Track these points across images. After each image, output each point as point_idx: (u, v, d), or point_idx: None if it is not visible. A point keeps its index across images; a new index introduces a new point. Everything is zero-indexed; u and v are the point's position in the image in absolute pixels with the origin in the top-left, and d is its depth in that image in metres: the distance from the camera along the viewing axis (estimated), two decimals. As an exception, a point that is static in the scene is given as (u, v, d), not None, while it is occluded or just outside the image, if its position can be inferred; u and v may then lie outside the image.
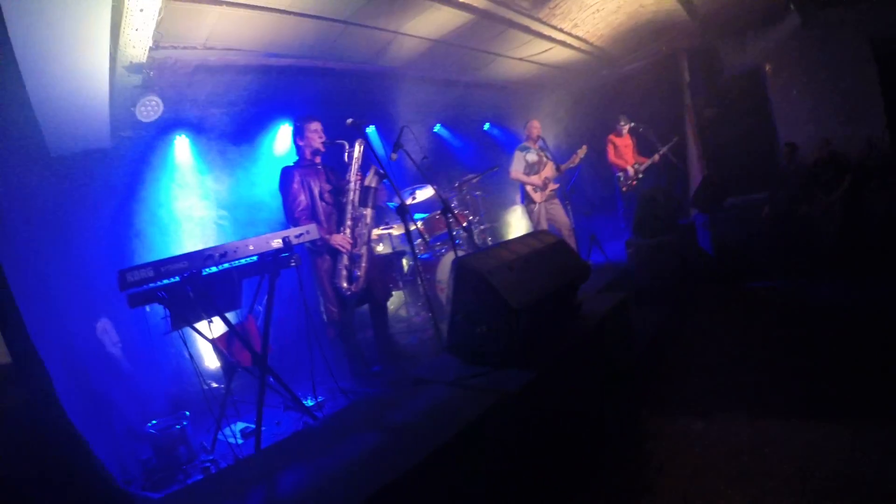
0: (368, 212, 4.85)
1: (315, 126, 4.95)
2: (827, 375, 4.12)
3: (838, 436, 3.24)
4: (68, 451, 2.62)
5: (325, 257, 4.82)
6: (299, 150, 5.01)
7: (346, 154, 4.84)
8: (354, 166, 4.84)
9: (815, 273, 7.19)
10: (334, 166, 5.08)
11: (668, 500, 2.94)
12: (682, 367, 4.86)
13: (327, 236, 4.70)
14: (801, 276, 7.15)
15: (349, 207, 4.81)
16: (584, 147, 7.79)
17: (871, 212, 7.84)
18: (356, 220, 4.83)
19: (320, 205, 4.83)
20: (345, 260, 4.76)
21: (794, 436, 3.32)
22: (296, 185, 4.78)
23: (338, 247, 4.71)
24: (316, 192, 4.83)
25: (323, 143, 4.94)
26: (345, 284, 4.75)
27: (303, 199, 4.77)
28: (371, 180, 4.79)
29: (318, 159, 5.00)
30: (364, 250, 4.85)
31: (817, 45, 9.13)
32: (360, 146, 4.85)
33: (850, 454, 3.03)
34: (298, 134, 4.98)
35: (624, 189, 9.32)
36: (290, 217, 4.77)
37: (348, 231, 4.78)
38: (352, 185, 4.82)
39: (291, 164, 4.98)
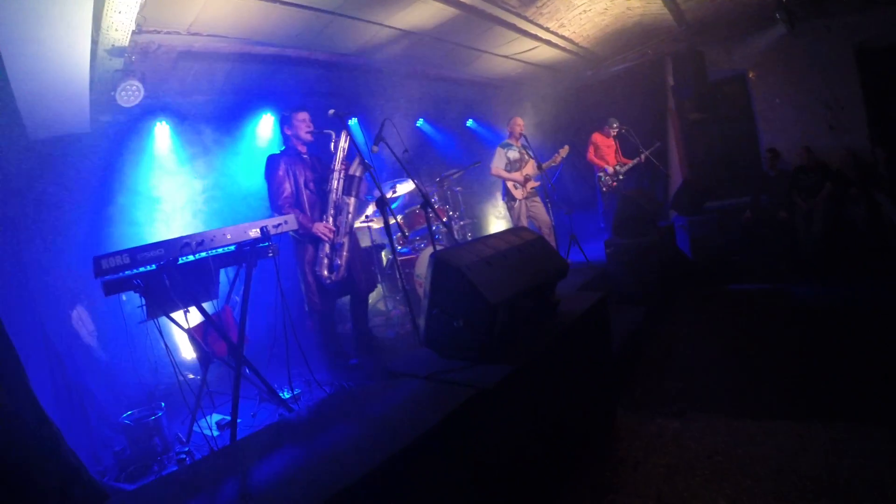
0: (352, 201, 4.87)
1: (303, 116, 4.97)
2: (804, 377, 4.19)
3: (814, 436, 3.29)
4: (41, 441, 2.59)
5: (308, 246, 4.82)
6: (286, 139, 5.01)
7: (333, 144, 4.86)
8: (340, 155, 4.86)
9: (793, 277, 7.30)
10: (320, 156, 5.08)
11: (643, 499, 2.97)
12: (658, 367, 4.91)
13: (310, 224, 4.69)
14: (780, 280, 7.25)
15: (332, 196, 4.81)
16: (566, 147, 7.81)
17: (850, 219, 7.97)
18: (339, 208, 4.83)
19: (304, 193, 4.83)
20: (326, 248, 4.76)
21: (770, 436, 3.36)
22: (281, 173, 4.78)
23: (320, 235, 4.70)
24: (301, 180, 4.83)
25: (310, 132, 4.93)
26: (325, 273, 4.75)
27: (287, 187, 4.77)
28: (356, 169, 4.82)
29: (304, 149, 5.01)
30: (346, 239, 4.85)
31: (802, 53, 9.25)
32: (345, 136, 4.86)
33: (825, 454, 3.08)
34: (286, 123, 5.00)
35: (605, 189, 9.35)
36: (274, 205, 4.76)
37: (331, 219, 4.78)
38: (336, 174, 4.83)
39: (278, 152, 4.96)
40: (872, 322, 5.18)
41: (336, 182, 4.84)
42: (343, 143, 4.87)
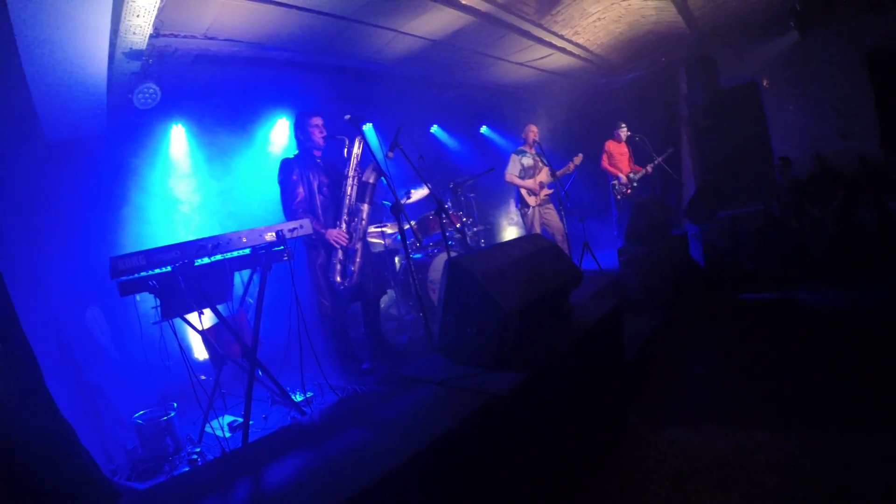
0: (365, 207, 4.87)
1: (316, 121, 4.97)
2: (814, 384, 4.16)
3: (824, 445, 3.26)
4: (56, 439, 2.61)
5: (321, 251, 4.82)
6: (300, 143, 5.03)
7: (346, 149, 4.87)
8: (353, 162, 4.86)
9: (804, 284, 7.25)
10: (333, 161, 5.09)
11: (654, 508, 2.96)
12: (670, 375, 4.89)
13: (323, 230, 4.70)
14: (791, 288, 7.20)
15: (346, 202, 4.82)
16: (580, 155, 7.81)
17: (862, 226, 7.91)
18: (352, 214, 4.84)
19: (318, 198, 4.83)
20: (339, 254, 4.77)
21: (779, 445, 3.34)
22: (295, 178, 4.79)
23: (333, 241, 4.71)
24: (314, 185, 4.84)
25: (323, 137, 4.95)
26: (339, 279, 4.76)
27: (301, 191, 4.78)
28: (369, 176, 4.81)
29: (317, 153, 5.01)
30: (359, 245, 4.86)
31: (814, 59, 9.20)
32: (359, 142, 4.87)
33: (835, 463, 3.05)
34: (299, 127, 5.00)
35: (619, 197, 9.34)
36: (288, 209, 4.77)
37: (344, 226, 4.79)
38: (350, 181, 4.84)
39: (291, 156, 4.98)
40: (883, 329, 5.13)
41: (350, 188, 4.84)
42: (357, 150, 4.87)
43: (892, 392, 3.81)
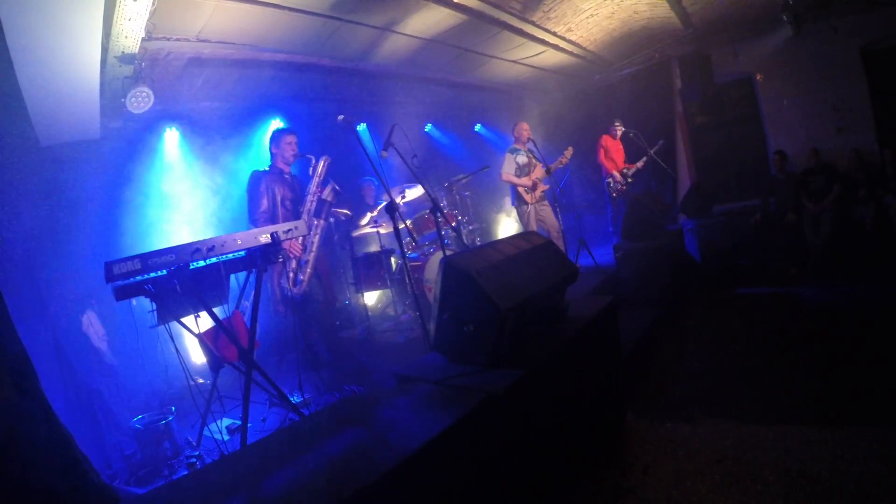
0: (321, 223, 5.09)
1: (290, 139, 5.22)
2: (813, 379, 4.16)
3: (823, 440, 3.27)
4: (53, 445, 2.60)
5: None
6: (272, 156, 5.27)
7: (311, 168, 5.08)
8: (316, 180, 5.08)
9: (802, 279, 7.26)
10: (301, 179, 5.32)
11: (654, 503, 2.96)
12: (668, 371, 4.89)
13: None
14: (788, 283, 7.21)
15: (304, 216, 4.97)
16: (570, 148, 7.77)
17: (859, 220, 7.92)
18: (308, 228, 4.94)
19: (280, 210, 5.03)
20: (293, 264, 4.93)
21: (779, 440, 3.35)
22: (261, 189, 5.00)
23: (287, 250, 4.77)
24: (278, 198, 5.04)
25: (293, 155, 5.20)
26: (288, 285, 4.90)
27: (265, 202, 4.97)
28: (328, 194, 5.07)
29: (287, 168, 5.24)
30: (311, 257, 5.02)
31: (808, 55, 9.21)
32: (324, 162, 5.10)
33: (834, 458, 3.06)
34: (274, 142, 5.25)
35: (614, 194, 9.32)
36: (251, 217, 4.99)
37: (300, 238, 4.88)
38: (311, 196, 5.04)
39: (262, 168, 5.19)
40: (881, 324, 5.15)
41: (310, 204, 5.04)
42: (320, 169, 5.09)
43: (890, 385, 3.82)
